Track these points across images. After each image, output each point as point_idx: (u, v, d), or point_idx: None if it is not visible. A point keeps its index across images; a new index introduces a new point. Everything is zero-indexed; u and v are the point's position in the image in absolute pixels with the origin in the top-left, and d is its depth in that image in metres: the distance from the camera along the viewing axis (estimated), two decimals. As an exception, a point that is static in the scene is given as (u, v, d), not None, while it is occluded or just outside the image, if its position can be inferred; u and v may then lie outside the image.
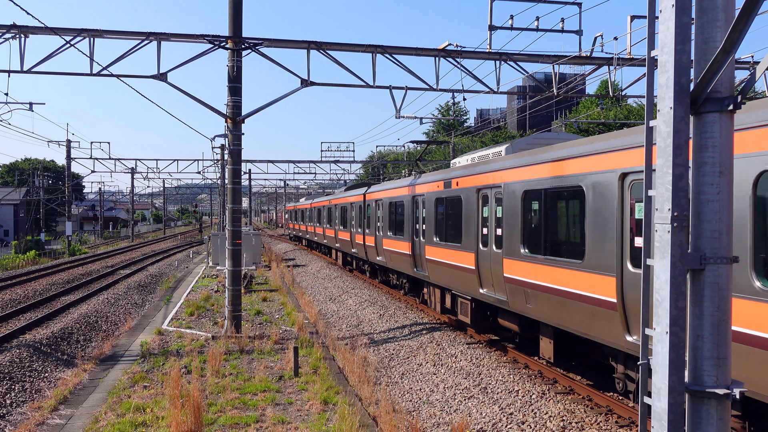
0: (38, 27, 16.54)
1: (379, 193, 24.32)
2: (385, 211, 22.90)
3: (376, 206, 24.64)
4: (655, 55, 3.07)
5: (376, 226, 24.33)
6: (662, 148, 2.95)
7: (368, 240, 25.61)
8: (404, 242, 20.24)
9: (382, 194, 23.83)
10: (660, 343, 2.93)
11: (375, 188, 25.80)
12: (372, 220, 25.11)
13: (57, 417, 10.26)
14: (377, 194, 24.71)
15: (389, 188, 22.90)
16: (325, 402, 10.46)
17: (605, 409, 10.11)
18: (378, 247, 23.92)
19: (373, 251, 24.91)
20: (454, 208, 16.18)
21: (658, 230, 2.98)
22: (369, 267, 28.22)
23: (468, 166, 15.51)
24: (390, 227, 22.20)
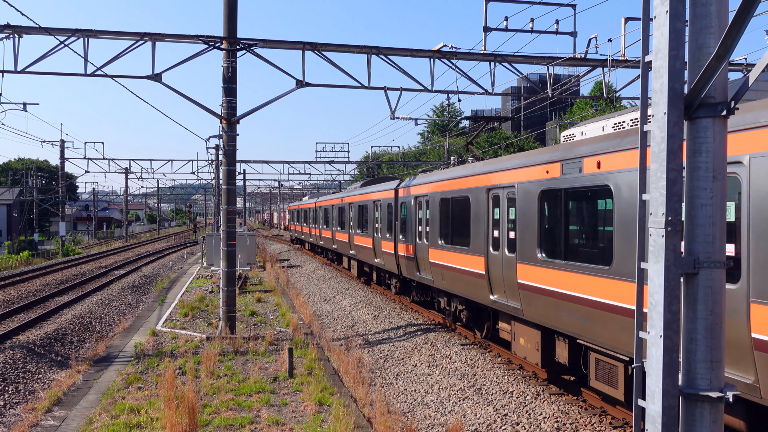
0: (32, 27, 16.48)
1: (424, 187, 18.25)
2: (436, 211, 16.98)
3: (417, 204, 18.92)
4: (650, 59, 3.10)
5: (416, 231, 18.78)
6: (656, 153, 2.97)
7: (403, 249, 20.21)
8: (473, 257, 14.33)
9: (428, 188, 17.83)
10: (654, 347, 2.95)
11: (416, 180, 19.51)
12: (411, 223, 19.29)
13: (51, 418, 10.23)
14: (420, 188, 18.74)
15: (439, 180, 16.96)
16: (319, 403, 10.46)
17: (599, 410, 10.15)
18: (421, 260, 18.31)
19: (412, 264, 19.26)
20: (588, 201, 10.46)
21: (652, 234, 3.00)
22: (399, 282, 22.40)
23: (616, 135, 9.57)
24: (445, 234, 16.37)
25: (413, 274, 19.28)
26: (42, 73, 17.59)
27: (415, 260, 18.64)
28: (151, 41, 16.94)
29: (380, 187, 24.21)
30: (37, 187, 69.79)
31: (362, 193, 26.95)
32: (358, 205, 27.39)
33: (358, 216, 27.13)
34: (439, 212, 16.76)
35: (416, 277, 18.94)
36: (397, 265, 21.05)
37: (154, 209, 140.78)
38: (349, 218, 29.29)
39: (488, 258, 13.47)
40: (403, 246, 20.10)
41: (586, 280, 9.81)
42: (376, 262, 23.93)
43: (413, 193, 19.36)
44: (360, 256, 27.25)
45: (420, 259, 18.26)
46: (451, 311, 17.02)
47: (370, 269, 27.20)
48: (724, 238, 2.98)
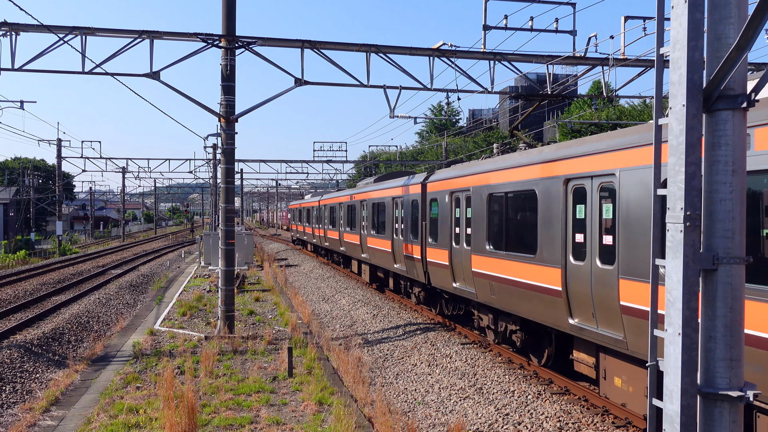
0: (30, 24, 16.38)
1: (464, 180, 15.13)
2: (482, 209, 13.91)
3: (454, 201, 15.89)
4: (664, 52, 3.03)
5: (452, 233, 15.95)
6: (674, 147, 2.90)
7: (434, 254, 17.14)
8: (542, 267, 11.26)
9: (470, 181, 14.74)
10: (672, 345, 2.89)
11: (451, 172, 16.32)
12: (444, 223, 16.33)
13: (48, 418, 10.15)
14: (457, 182, 15.58)
15: (486, 170, 13.84)
16: (320, 403, 10.39)
17: (601, 410, 10.09)
18: (458, 268, 15.47)
19: (444, 273, 16.33)
20: None
21: (670, 230, 2.93)
22: (423, 292, 19.49)
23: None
24: (496, 237, 13.38)
25: (446, 285, 16.30)
26: (39, 70, 17.45)
27: (450, 268, 15.76)
28: (150, 39, 16.84)
29: (401, 181, 20.84)
30: (34, 187, 69.55)
31: (378, 189, 23.67)
32: (372, 202, 24.20)
33: (373, 215, 24.06)
34: (486, 210, 13.64)
35: (451, 288, 15.92)
36: (425, 273, 17.87)
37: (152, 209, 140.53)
38: (361, 218, 26.12)
39: (566, 270, 10.49)
40: (434, 251, 17.02)
41: None
42: (396, 267, 20.75)
43: (448, 188, 16.11)
44: (375, 260, 24.00)
45: (457, 266, 15.45)
46: (497, 331, 14.01)
47: (385, 275, 24.13)
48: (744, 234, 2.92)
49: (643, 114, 50.20)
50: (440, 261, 16.63)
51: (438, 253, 16.83)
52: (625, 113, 52.52)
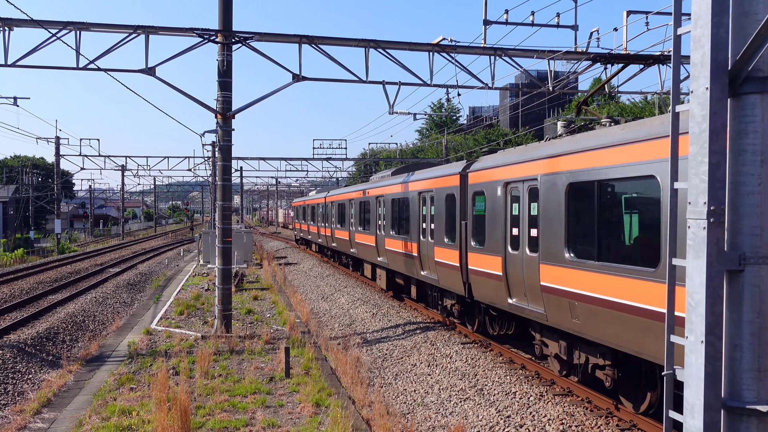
0: (23, 20, 16.15)
1: (525, 167, 11.83)
2: (557, 204, 10.60)
3: (508, 194, 12.66)
4: (681, 32, 2.79)
5: (507, 235, 12.64)
6: (696, 134, 2.65)
7: (480, 261, 13.82)
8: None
9: (535, 168, 11.41)
10: (694, 354, 2.64)
11: (503, 158, 13.03)
12: (494, 222, 13.08)
13: (39, 421, 9.91)
14: (514, 169, 12.31)
15: (564, 153, 10.48)
16: (317, 404, 10.15)
17: (605, 412, 9.84)
18: (516, 279, 12.21)
19: (497, 286, 13.01)
20: None
21: (692, 226, 2.68)
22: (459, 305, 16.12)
23: None
24: (580, 242, 10.13)
25: (497, 299, 13.13)
26: (33, 66, 17.23)
27: (505, 279, 12.53)
28: (145, 34, 16.60)
29: (429, 173, 17.87)
30: (33, 185, 69.33)
31: (398, 183, 20.60)
32: (392, 198, 21.17)
33: (393, 213, 21.02)
34: (564, 205, 10.34)
35: (504, 304, 12.76)
36: (465, 284, 14.68)
37: (151, 207, 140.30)
38: (376, 216, 23.26)
39: None
40: (479, 257, 13.82)
41: None
42: (423, 275, 17.69)
43: (501, 178, 12.76)
44: (395, 265, 20.89)
45: (514, 278, 12.24)
46: (572, 363, 11.15)
47: (406, 282, 21.02)
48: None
49: (644, 111, 49.94)
50: (489, 270, 13.28)
51: (485, 260, 13.45)
52: (626, 110, 52.26)
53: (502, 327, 14.56)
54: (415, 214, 18.53)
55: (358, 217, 26.34)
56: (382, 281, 23.36)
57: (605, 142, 9.39)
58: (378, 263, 23.27)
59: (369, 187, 24.93)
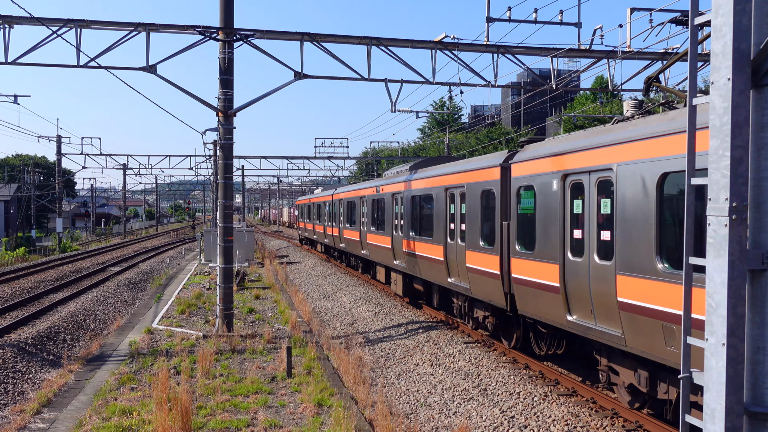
0: (23, 17, 16.05)
1: (592, 155, 9.83)
2: (648, 203, 8.51)
3: (568, 190, 10.53)
4: (700, 22, 2.69)
5: (568, 239, 10.46)
6: (717, 128, 2.55)
7: (527, 269, 11.77)
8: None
9: (607, 154, 9.45)
10: (714, 357, 2.54)
11: (562, 145, 10.91)
12: (551, 224, 10.83)
13: (39, 421, 9.83)
14: (577, 157, 10.23)
15: (654, 134, 8.48)
16: (319, 404, 10.06)
17: (611, 413, 9.74)
18: (579, 292, 10.10)
19: (554, 300, 10.78)
20: None
21: (712, 224, 2.58)
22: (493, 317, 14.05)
23: None
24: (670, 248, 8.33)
25: (552, 315, 10.94)
26: (33, 64, 17.16)
27: (563, 292, 10.43)
28: (146, 32, 16.50)
29: (459, 166, 15.82)
30: (35, 184, 69.31)
31: (419, 178, 18.63)
32: (411, 195, 19.14)
33: (412, 212, 19.10)
34: (655, 201, 8.30)
35: (563, 321, 10.59)
36: (506, 295, 12.69)
37: (153, 205, 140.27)
38: (392, 215, 21.26)
39: None
40: (527, 264, 11.72)
41: None
42: (450, 282, 15.74)
43: (558, 169, 10.68)
44: (413, 269, 18.99)
45: (577, 291, 10.09)
46: (659, 398, 9.03)
47: (427, 288, 19.05)
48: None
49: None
50: (540, 279, 11.16)
51: (535, 267, 11.35)
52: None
53: (551, 345, 12.27)
54: (441, 213, 16.44)
55: (371, 216, 24.29)
56: (397, 286, 21.29)
57: None
58: (394, 267, 21.16)
59: (384, 183, 22.84)
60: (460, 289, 15.23)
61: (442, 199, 16.39)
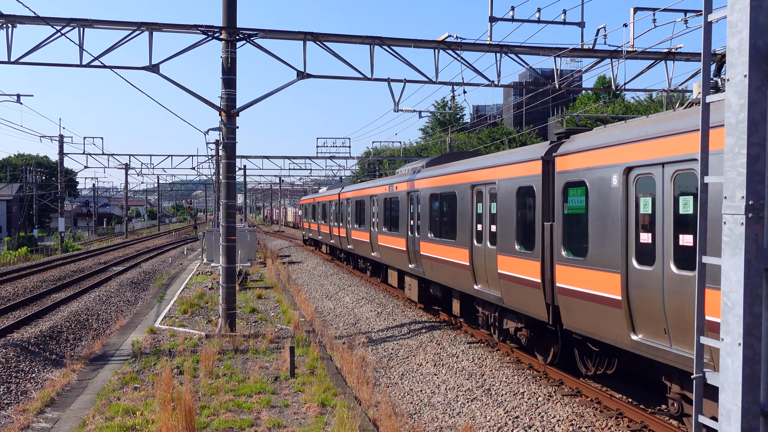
0: (26, 16, 16.05)
1: (667, 143, 8.45)
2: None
3: (636, 185, 9.09)
4: (713, 18, 2.66)
5: (630, 244, 9.09)
6: (732, 125, 2.52)
7: (576, 278, 10.28)
8: None
9: (686, 143, 8.16)
10: (730, 357, 2.51)
11: (626, 133, 9.47)
12: (605, 226, 9.57)
13: (43, 420, 9.82)
14: (647, 147, 8.82)
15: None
16: (322, 404, 10.03)
17: (615, 413, 9.70)
18: (643, 306, 8.76)
19: (612, 315, 9.34)
20: None
21: (728, 222, 2.55)
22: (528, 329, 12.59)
23: None
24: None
25: (612, 333, 9.33)
26: (36, 63, 17.14)
27: (626, 306, 8.98)
28: (149, 31, 16.48)
29: (488, 160, 14.22)
30: (37, 183, 69.36)
31: (439, 175, 17.18)
32: (430, 194, 17.73)
33: (431, 212, 17.67)
34: None
35: (627, 342, 9.03)
36: (549, 306, 11.11)
37: (155, 205, 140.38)
38: (407, 215, 19.88)
39: None
40: (575, 272, 10.22)
41: None
42: (477, 289, 14.26)
43: (618, 162, 9.32)
44: (433, 274, 17.37)
45: (642, 304, 8.76)
46: None
47: (444, 294, 17.54)
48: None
49: (649, 109, 49.72)
50: (595, 291, 9.62)
51: (589, 277, 9.84)
52: (631, 108, 52.06)
53: (600, 364, 10.64)
54: (466, 212, 14.88)
55: (383, 216, 22.78)
56: (412, 292, 19.79)
57: None
58: (409, 271, 19.68)
59: (398, 180, 21.33)
60: (489, 297, 13.59)
61: (468, 197, 14.81)
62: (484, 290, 13.96)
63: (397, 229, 20.92)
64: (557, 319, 11.02)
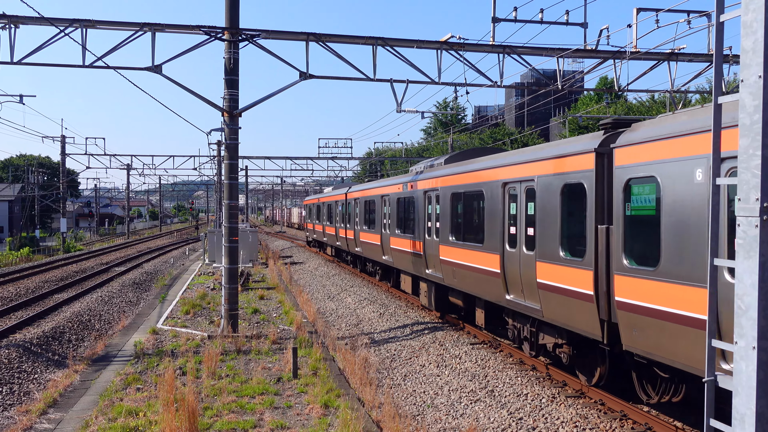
0: (30, 17, 16.05)
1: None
2: None
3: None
4: (725, 19, 2.64)
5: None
6: (747, 126, 2.50)
7: (637, 291, 8.87)
8: None
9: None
10: (744, 361, 2.48)
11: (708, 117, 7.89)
12: (696, 231, 7.83)
13: (45, 421, 9.80)
14: None
15: None
16: (325, 405, 10.01)
17: (619, 414, 9.68)
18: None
19: (694, 339, 7.79)
20: None
21: (742, 224, 2.53)
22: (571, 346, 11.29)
23: None
24: None
25: (692, 359, 7.93)
26: (39, 64, 17.13)
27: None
28: (151, 32, 16.47)
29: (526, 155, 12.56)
30: (39, 184, 69.42)
31: (461, 172, 15.77)
32: (451, 193, 16.31)
33: (452, 213, 16.29)
34: None
35: (720, 369, 7.51)
36: (604, 322, 9.74)
37: (156, 206, 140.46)
38: (425, 216, 18.48)
39: None
40: (641, 284, 8.79)
41: None
42: (509, 299, 12.87)
43: (708, 152, 7.91)
44: (453, 281, 16.14)
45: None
46: None
47: (467, 302, 16.24)
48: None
49: (651, 110, 49.70)
50: (671, 309, 8.19)
51: (660, 290, 8.41)
52: (633, 109, 52.03)
53: (665, 391, 9.25)
54: (496, 213, 13.40)
55: (396, 217, 21.33)
56: (428, 299, 18.56)
57: None
58: (426, 277, 18.22)
59: (413, 179, 19.81)
60: (525, 309, 12.15)
61: (498, 197, 13.29)
62: (517, 301, 12.47)
63: (413, 231, 19.41)
64: (614, 337, 9.58)
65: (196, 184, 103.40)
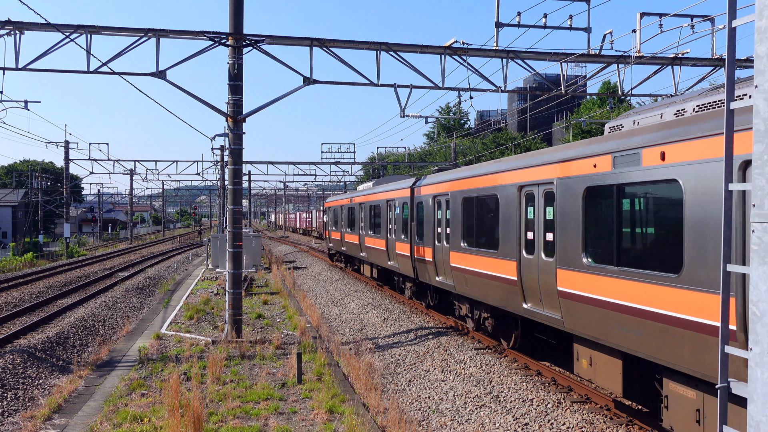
0: (34, 23, 16.11)
1: None
2: None
3: None
4: (738, 24, 2.63)
5: None
6: (761, 132, 2.49)
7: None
8: None
9: None
10: (759, 367, 2.47)
11: None
12: None
13: (50, 427, 9.79)
14: None
15: None
16: (330, 411, 9.99)
17: (626, 419, 9.64)
18: None
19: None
20: None
21: (756, 230, 2.52)
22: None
23: None
24: None
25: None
26: (44, 70, 17.15)
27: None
28: (156, 37, 16.52)
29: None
30: (42, 189, 69.54)
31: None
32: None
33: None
34: None
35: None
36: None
37: (159, 211, 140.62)
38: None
39: None
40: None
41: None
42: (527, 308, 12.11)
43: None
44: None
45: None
46: None
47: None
48: None
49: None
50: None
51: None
52: (637, 114, 51.95)
53: None
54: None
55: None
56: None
57: None
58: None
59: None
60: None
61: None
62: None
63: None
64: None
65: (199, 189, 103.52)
